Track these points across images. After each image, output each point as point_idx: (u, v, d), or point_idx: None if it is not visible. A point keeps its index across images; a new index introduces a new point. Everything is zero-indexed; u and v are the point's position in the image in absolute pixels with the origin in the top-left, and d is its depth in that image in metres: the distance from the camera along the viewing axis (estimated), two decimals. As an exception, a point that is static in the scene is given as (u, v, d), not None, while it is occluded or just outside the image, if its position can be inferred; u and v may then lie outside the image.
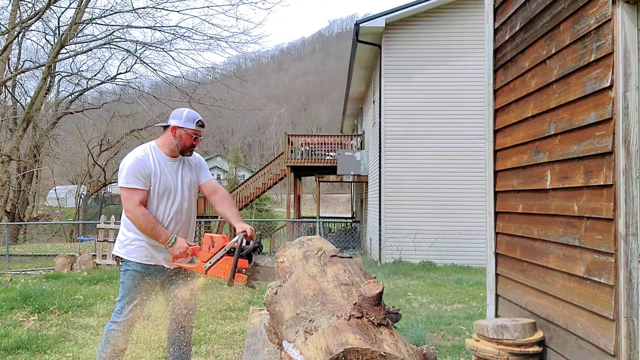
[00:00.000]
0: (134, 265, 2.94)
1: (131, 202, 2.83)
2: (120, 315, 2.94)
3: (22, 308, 5.79)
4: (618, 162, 2.40)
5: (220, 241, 2.86)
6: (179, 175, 3.02)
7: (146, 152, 2.95)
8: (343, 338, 1.68)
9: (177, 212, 2.98)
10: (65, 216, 30.95)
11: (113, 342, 2.94)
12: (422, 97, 11.85)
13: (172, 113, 3.03)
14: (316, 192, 20.87)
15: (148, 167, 2.89)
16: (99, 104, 25.25)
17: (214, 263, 2.83)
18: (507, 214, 3.73)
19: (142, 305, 2.97)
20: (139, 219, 2.82)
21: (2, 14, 19.37)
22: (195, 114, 3.01)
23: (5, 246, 13.16)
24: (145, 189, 2.88)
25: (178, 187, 2.99)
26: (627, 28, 2.40)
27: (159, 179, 2.91)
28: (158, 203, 2.93)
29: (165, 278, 3.02)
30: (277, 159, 20.49)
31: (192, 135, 2.96)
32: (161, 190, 2.91)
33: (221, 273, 2.84)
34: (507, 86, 3.71)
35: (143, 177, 2.87)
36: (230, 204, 3.16)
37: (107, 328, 2.98)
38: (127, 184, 2.85)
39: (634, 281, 2.36)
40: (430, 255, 11.39)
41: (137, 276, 2.93)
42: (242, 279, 2.85)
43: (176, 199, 2.97)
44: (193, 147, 3.03)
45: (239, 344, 4.39)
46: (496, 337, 3.00)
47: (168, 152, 3.00)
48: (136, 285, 2.93)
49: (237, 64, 51.83)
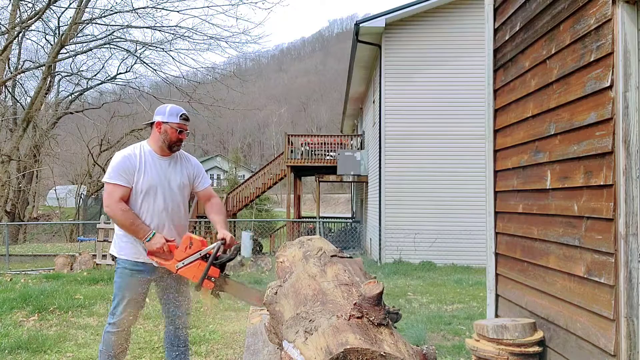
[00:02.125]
0: (124, 262, 2.96)
1: (111, 197, 2.87)
2: (114, 316, 2.95)
3: (22, 308, 5.79)
4: (618, 162, 2.40)
5: (198, 244, 2.90)
6: (168, 174, 3.02)
7: (134, 151, 2.98)
8: (343, 338, 1.68)
9: (162, 211, 2.97)
10: (65, 216, 30.96)
11: (110, 342, 2.95)
12: (422, 97, 11.85)
13: (156, 109, 3.05)
14: (316, 192, 20.87)
15: (133, 164, 2.91)
16: (99, 104, 25.28)
17: (187, 264, 2.87)
18: (507, 214, 3.73)
19: (134, 303, 2.97)
20: (118, 214, 2.85)
21: (2, 14, 19.39)
22: (178, 108, 3.02)
23: (5, 246, 13.16)
24: (128, 187, 2.90)
25: (165, 186, 2.99)
26: (627, 28, 2.40)
27: (144, 177, 2.92)
28: (142, 200, 2.93)
29: (157, 276, 3.02)
30: (277, 159, 20.48)
31: (177, 129, 2.97)
32: (145, 188, 2.92)
33: (191, 275, 2.88)
34: (507, 86, 3.71)
35: (126, 174, 2.89)
36: (218, 210, 3.19)
37: (104, 329, 3.00)
38: (109, 179, 2.89)
39: (634, 281, 2.36)
40: (430, 255, 11.39)
41: (128, 274, 2.95)
42: (209, 286, 2.90)
43: (162, 198, 2.97)
44: (180, 141, 3.02)
45: (239, 344, 4.39)
46: (496, 337, 3.00)
47: (157, 149, 3.01)
48: (127, 283, 2.94)
49: (237, 64, 51.89)
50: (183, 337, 3.14)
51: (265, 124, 77.26)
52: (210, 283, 2.88)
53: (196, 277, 2.86)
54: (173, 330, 3.10)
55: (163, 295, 3.09)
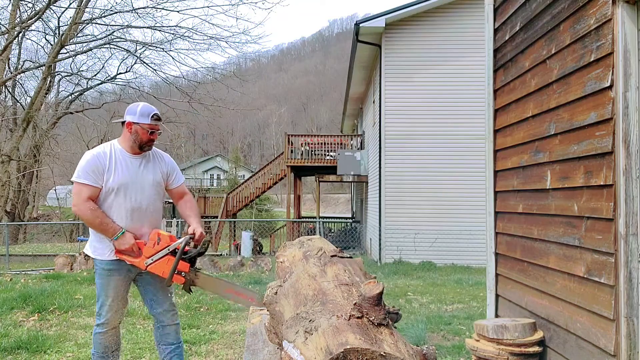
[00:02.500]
0: (100, 262, 2.94)
1: (79, 196, 2.84)
2: (100, 317, 2.95)
3: (22, 308, 5.79)
4: (618, 162, 2.40)
5: (166, 240, 2.89)
6: (140, 172, 2.98)
7: (104, 150, 2.95)
8: (343, 338, 1.68)
9: (135, 210, 2.93)
10: (65, 216, 30.98)
11: (101, 343, 2.96)
12: (422, 97, 11.85)
13: (127, 108, 2.99)
14: (316, 192, 20.87)
15: (102, 164, 2.88)
16: (99, 104, 25.26)
17: (155, 260, 2.87)
18: (507, 214, 3.73)
19: (117, 302, 2.95)
20: (86, 213, 2.83)
21: (2, 14, 19.41)
22: (150, 108, 2.95)
23: (5, 246, 13.17)
24: (96, 186, 2.87)
25: (137, 184, 2.95)
26: (627, 28, 2.40)
27: (114, 175, 2.89)
28: (113, 199, 2.90)
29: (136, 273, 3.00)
30: (277, 159, 20.49)
31: (148, 130, 2.91)
32: (116, 187, 2.88)
33: (160, 271, 2.88)
34: (507, 86, 3.71)
35: (95, 174, 2.86)
36: (191, 206, 3.18)
37: (93, 332, 3.00)
38: (78, 178, 2.86)
39: (634, 281, 2.36)
40: (430, 255, 11.39)
41: (106, 273, 2.93)
42: (179, 281, 2.90)
43: (133, 196, 2.93)
44: (151, 141, 2.97)
45: (239, 344, 4.39)
46: (496, 337, 3.00)
47: (128, 148, 2.97)
48: (107, 283, 2.93)
49: (237, 64, 51.82)
50: (174, 334, 3.10)
51: (265, 124, 77.26)
52: (181, 278, 2.89)
53: (165, 272, 2.86)
54: (162, 327, 3.08)
55: (143, 292, 3.08)
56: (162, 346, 3.09)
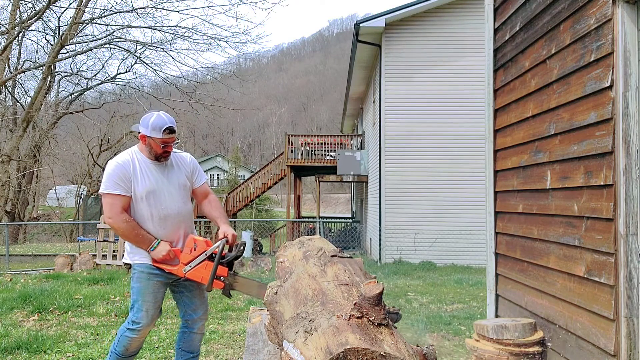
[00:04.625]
0: (140, 266, 2.88)
1: (113, 209, 2.77)
2: (135, 322, 2.86)
3: (22, 308, 5.79)
4: (618, 162, 2.40)
5: (202, 245, 2.86)
6: (165, 177, 2.93)
7: (128, 157, 2.88)
8: (343, 338, 1.68)
9: (165, 216, 2.88)
10: (65, 216, 30.98)
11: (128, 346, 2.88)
12: (422, 97, 11.85)
13: (142, 118, 2.91)
14: (316, 192, 20.87)
15: (128, 171, 2.82)
16: (99, 104, 25.28)
17: (194, 267, 2.84)
18: (507, 214, 3.73)
19: (154, 307, 2.89)
20: (121, 226, 2.78)
21: (2, 14, 19.41)
22: (162, 120, 2.81)
23: (5, 246, 13.16)
24: (127, 195, 2.81)
25: (164, 190, 2.89)
26: (627, 28, 2.40)
27: (141, 183, 2.83)
28: (142, 207, 2.84)
29: (174, 279, 2.95)
30: (277, 159, 20.48)
31: (161, 144, 2.83)
32: (144, 194, 2.83)
33: (199, 277, 2.85)
34: (507, 86, 3.71)
35: (124, 182, 2.80)
36: (217, 206, 3.12)
37: (122, 332, 2.90)
38: (107, 189, 2.79)
39: (634, 281, 2.36)
40: (430, 255, 11.39)
41: (146, 277, 2.87)
42: (219, 286, 2.88)
43: (163, 202, 2.88)
44: (167, 154, 2.89)
45: (239, 344, 4.39)
46: (496, 337, 3.00)
47: (148, 156, 2.92)
48: (146, 287, 2.87)
49: (237, 64, 51.89)
50: (197, 343, 3.07)
51: (265, 124, 77.29)
52: (220, 283, 2.86)
53: (205, 278, 2.83)
54: (188, 334, 3.03)
55: (179, 298, 3.03)
56: (182, 351, 3.05)
